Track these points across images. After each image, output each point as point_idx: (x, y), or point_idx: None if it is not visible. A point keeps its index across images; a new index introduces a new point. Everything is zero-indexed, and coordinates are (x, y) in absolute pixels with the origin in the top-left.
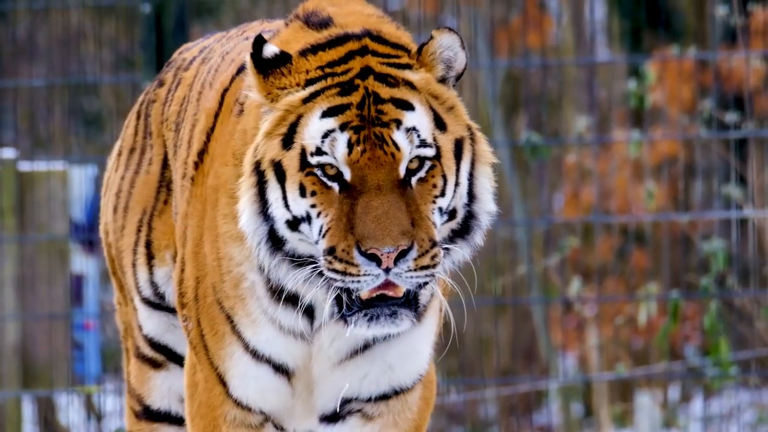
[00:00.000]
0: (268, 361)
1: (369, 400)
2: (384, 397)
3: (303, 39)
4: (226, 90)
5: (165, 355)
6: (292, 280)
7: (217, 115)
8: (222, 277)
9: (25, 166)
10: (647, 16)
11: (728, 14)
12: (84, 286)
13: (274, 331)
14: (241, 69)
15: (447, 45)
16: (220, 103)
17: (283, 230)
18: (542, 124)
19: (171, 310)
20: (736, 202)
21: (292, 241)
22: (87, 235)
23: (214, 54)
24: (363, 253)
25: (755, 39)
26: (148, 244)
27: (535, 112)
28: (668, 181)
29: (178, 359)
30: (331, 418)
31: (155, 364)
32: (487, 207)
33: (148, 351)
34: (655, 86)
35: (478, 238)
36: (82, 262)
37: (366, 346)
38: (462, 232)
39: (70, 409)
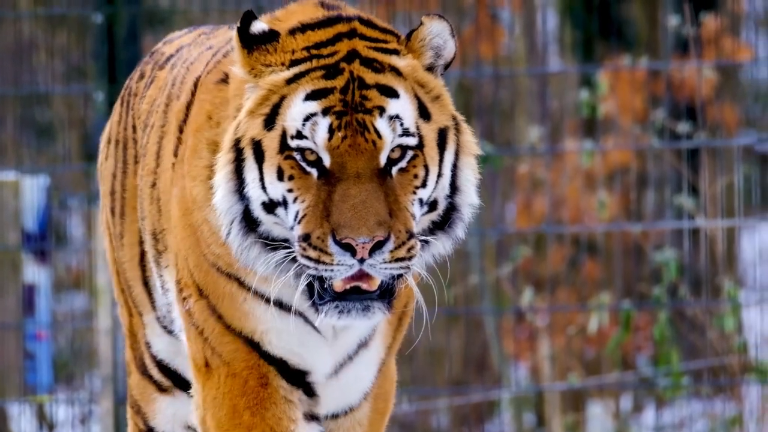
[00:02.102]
0: (301, 315)
1: (326, 417)
2: (335, 416)
3: (301, 17)
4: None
5: (172, 381)
6: (264, 264)
7: (188, 106)
8: (208, 240)
9: None
10: (599, 26)
11: (680, 24)
12: (36, 295)
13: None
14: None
15: (437, 32)
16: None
17: (258, 212)
18: (494, 134)
19: None
20: (688, 212)
21: (267, 223)
22: (39, 245)
23: (180, 62)
24: (338, 242)
25: (707, 49)
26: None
27: (487, 122)
28: (620, 191)
29: (185, 386)
30: None
31: (161, 388)
32: (469, 199)
33: (155, 373)
34: (607, 96)
35: (460, 231)
36: (34, 272)
37: (343, 364)
38: (443, 225)
39: (21, 418)
